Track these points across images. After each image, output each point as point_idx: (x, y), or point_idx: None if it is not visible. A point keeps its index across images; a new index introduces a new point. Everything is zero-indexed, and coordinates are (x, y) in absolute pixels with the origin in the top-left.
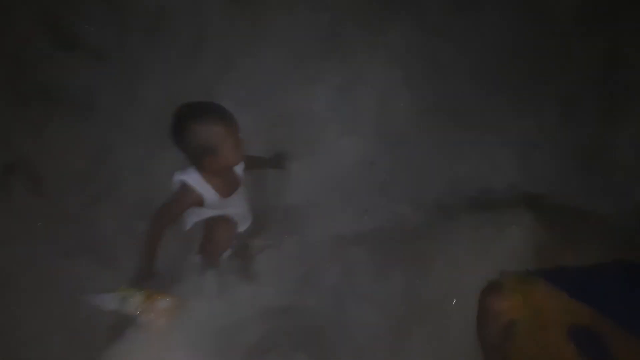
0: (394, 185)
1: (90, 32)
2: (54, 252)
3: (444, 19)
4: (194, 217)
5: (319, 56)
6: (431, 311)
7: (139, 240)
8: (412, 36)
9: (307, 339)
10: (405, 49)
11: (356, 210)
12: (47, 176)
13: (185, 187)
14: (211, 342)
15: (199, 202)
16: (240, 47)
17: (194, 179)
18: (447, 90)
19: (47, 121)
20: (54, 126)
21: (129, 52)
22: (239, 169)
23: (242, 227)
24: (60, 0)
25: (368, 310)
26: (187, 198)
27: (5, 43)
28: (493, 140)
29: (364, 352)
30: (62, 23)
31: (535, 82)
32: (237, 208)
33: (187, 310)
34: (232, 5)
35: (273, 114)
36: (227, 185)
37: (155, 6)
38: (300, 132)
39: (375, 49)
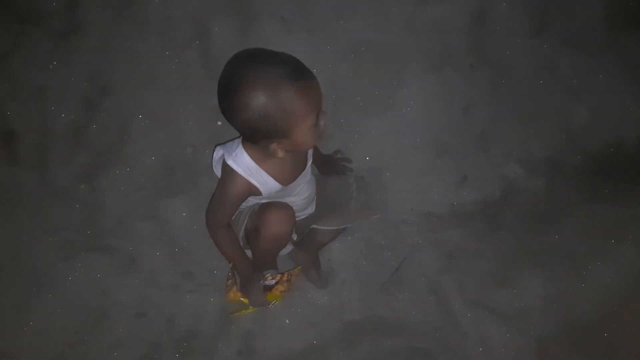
0: (496, 139)
1: None
2: (47, 246)
3: None
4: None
5: None
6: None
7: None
8: None
9: None
10: None
11: (451, 176)
12: (23, 133)
13: (233, 177)
14: None
15: (254, 194)
16: None
17: (245, 166)
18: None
19: (14, 51)
20: (24, 57)
21: None
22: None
23: (304, 214)
24: None
25: (492, 326)
26: (239, 191)
27: None
28: (620, 75)
29: None
30: None
31: None
32: (300, 195)
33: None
34: None
35: (335, 44)
36: (291, 169)
37: None
38: (373, 68)
39: None
